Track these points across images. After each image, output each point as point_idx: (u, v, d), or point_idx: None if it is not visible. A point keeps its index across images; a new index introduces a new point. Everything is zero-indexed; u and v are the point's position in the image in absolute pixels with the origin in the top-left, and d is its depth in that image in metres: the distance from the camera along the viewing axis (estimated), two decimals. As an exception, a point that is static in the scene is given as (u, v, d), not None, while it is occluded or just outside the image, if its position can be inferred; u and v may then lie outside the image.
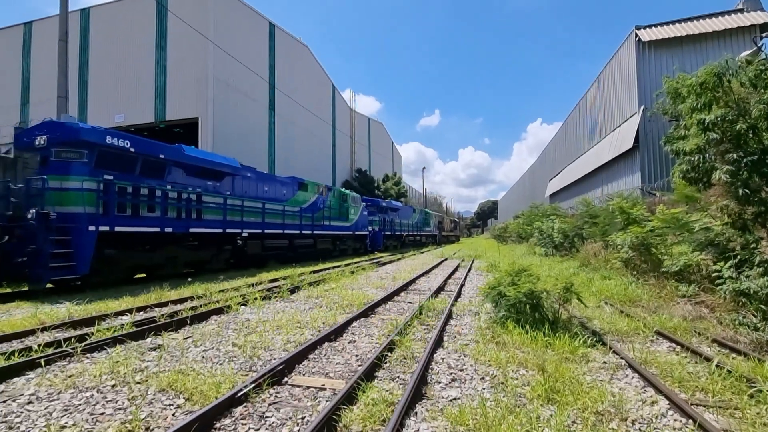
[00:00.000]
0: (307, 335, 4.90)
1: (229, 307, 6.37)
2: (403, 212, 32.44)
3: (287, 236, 15.06)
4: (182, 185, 10.74)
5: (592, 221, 13.20)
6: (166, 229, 10.03)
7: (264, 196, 13.98)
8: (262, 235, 13.54)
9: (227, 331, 5.14)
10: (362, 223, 22.20)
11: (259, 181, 13.92)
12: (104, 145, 8.76)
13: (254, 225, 13.06)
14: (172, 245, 10.36)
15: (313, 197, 17.13)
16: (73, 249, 8.00)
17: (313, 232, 16.76)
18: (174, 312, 5.98)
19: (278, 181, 15.11)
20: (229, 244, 12.27)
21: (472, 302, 6.98)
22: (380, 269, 13.45)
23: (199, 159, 11.18)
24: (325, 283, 9.55)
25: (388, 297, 7.34)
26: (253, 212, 13.05)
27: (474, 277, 10.92)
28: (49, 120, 8.87)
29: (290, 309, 6.50)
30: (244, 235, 12.57)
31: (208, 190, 11.58)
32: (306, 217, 16.23)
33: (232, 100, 23.63)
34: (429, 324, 5.45)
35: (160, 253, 10.04)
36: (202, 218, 11.09)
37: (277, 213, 14.39)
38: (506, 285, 5.26)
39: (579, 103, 24.80)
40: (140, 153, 9.54)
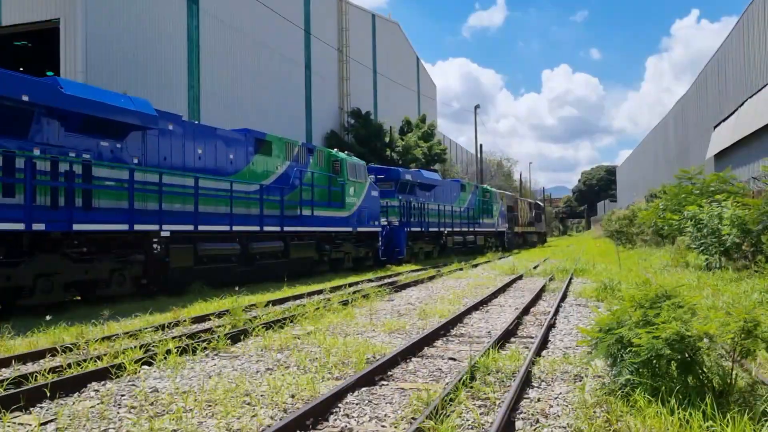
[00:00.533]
0: (264, 419, 4.95)
1: (122, 367, 6.47)
2: (442, 191, 32.18)
3: (238, 236, 15.48)
4: (59, 148, 11.06)
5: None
6: (34, 226, 10.30)
7: (197, 165, 14.34)
8: (195, 236, 14.00)
9: (118, 410, 5.22)
10: (370, 211, 22.57)
11: (188, 139, 14.27)
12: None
13: (181, 217, 13.52)
14: (44, 254, 10.74)
15: (281, 166, 17.52)
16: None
17: (284, 229, 17.09)
18: (22, 376, 6.09)
19: (220, 138, 15.40)
20: (140, 251, 12.76)
21: (568, 357, 6.99)
22: (396, 297, 13.58)
23: (87, 102, 11.44)
24: (294, 323, 9.65)
25: (411, 348, 7.40)
26: (178, 195, 13.48)
27: (572, 311, 10.94)
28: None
29: (232, 371, 6.59)
30: (164, 234, 13.01)
31: (102, 157, 11.95)
32: (270, 202, 16.59)
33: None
34: (488, 398, 5.46)
35: (26, 268, 10.34)
36: (92, 207, 11.53)
37: (221, 196, 14.76)
38: (632, 325, 5.22)
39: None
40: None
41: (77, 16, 21.88)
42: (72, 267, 11.15)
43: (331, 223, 19.84)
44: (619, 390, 5.12)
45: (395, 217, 25.69)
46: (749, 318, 5.02)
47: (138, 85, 23.39)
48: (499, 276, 18.88)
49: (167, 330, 9.20)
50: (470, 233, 35.54)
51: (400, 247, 25.02)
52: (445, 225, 31.27)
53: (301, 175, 18.26)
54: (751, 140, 26.46)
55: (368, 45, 49.65)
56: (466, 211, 35.02)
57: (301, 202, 18.01)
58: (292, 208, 17.62)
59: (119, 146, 12.39)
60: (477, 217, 36.94)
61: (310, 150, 19.24)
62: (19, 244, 10.41)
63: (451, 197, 33.36)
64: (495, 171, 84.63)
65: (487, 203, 39.30)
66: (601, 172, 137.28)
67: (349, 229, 21.05)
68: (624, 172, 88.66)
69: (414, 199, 27.75)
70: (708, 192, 20.20)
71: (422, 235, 28.54)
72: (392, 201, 25.67)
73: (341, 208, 20.51)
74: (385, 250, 24.38)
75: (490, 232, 39.94)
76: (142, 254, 12.72)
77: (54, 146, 10.97)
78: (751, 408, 4.69)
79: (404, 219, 26.15)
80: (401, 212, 26.03)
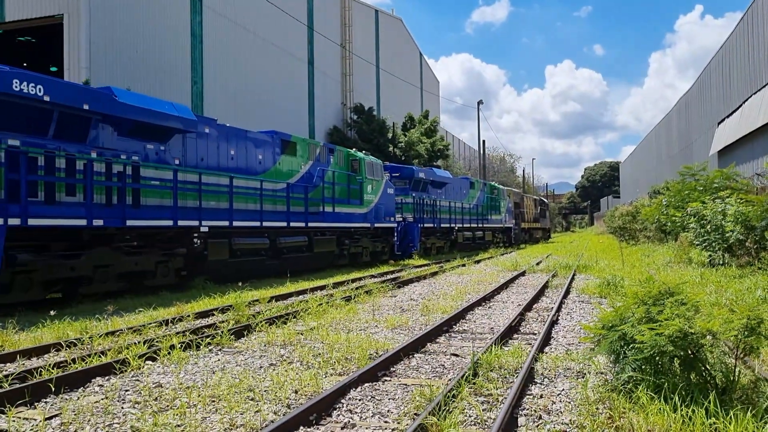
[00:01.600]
0: (267, 414, 4.97)
1: (126, 362, 6.50)
2: (453, 188, 33.25)
3: (267, 231, 16.55)
4: (113, 151, 12.18)
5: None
6: (94, 221, 11.40)
7: (230, 165, 15.48)
8: (230, 231, 15.12)
9: (122, 405, 5.25)
10: (386, 208, 23.75)
11: (222, 141, 15.36)
12: (9, 93, 10.10)
13: (218, 214, 14.65)
14: (101, 247, 11.90)
15: (305, 165, 18.67)
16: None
17: (308, 225, 18.14)
18: (27, 371, 6.12)
19: (251, 140, 16.48)
20: (182, 245, 13.85)
21: (570, 354, 6.99)
22: (399, 293, 13.61)
23: (137, 110, 12.53)
24: (297, 318, 9.67)
25: (414, 344, 7.43)
26: (215, 193, 14.61)
27: (575, 307, 10.94)
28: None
29: (235, 366, 6.62)
30: (203, 230, 14.13)
31: (149, 158, 13.07)
32: (296, 199, 17.70)
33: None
34: (491, 394, 5.47)
35: (87, 259, 11.46)
36: (140, 204, 12.60)
37: (252, 194, 15.89)
38: (635, 322, 5.22)
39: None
40: (56, 104, 10.88)
41: (80, 11, 21.91)
42: (124, 259, 12.35)
43: (351, 219, 20.82)
44: (621, 387, 5.12)
45: (409, 213, 26.52)
46: (753, 315, 5.01)
47: (141, 80, 23.42)
48: (502, 272, 18.88)
49: (171, 325, 9.23)
50: (479, 229, 36.35)
51: (414, 242, 25.82)
52: (456, 221, 32.09)
53: (323, 174, 19.23)
54: (755, 136, 26.38)
55: (371, 41, 49.59)
56: (475, 207, 35.82)
57: (323, 199, 19.01)
58: (315, 205, 18.64)
59: (163, 148, 13.48)
60: (485, 214, 37.73)
61: (330, 150, 20.25)
62: (79, 238, 11.59)
63: (461, 194, 34.20)
64: (498, 167, 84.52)
65: (495, 200, 40.10)
66: (604, 168, 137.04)
67: (367, 224, 22.02)
68: (627, 168, 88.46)
69: (426, 196, 28.66)
70: (711, 188, 20.17)
71: (434, 230, 29.43)
72: (406, 198, 26.51)
73: (360, 205, 21.45)
74: (400, 245, 25.20)
75: (498, 228, 40.78)
76: (183, 248, 13.85)
77: (108, 149, 12.10)
78: (754, 405, 4.69)
79: (418, 215, 27.00)
80: (415, 209, 26.86)
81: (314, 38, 39.09)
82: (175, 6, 26.87)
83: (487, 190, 38.94)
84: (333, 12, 42.97)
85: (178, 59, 26.93)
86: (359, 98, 44.93)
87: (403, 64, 56.18)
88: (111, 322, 9.41)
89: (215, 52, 29.30)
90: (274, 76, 34.63)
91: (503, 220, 41.67)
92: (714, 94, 35.91)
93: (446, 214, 30.66)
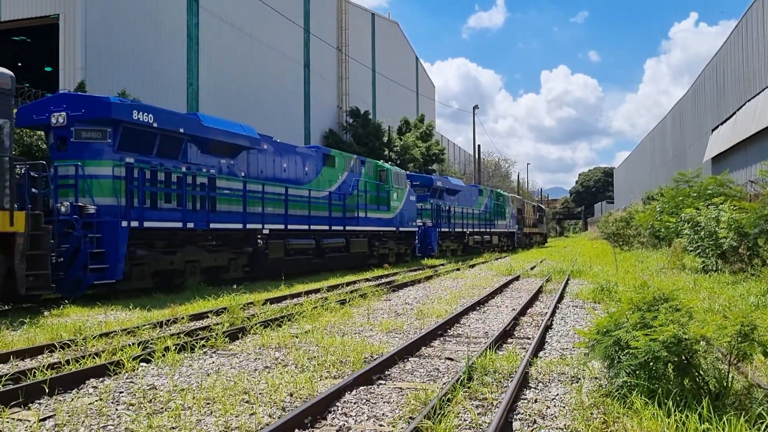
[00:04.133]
0: (262, 417, 4.97)
1: (120, 364, 6.48)
2: (464, 195, 35.52)
3: (313, 234, 18.95)
4: (197, 166, 14.62)
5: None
6: (188, 224, 13.81)
7: (283, 176, 17.85)
8: (285, 233, 17.42)
9: (117, 407, 5.24)
10: (409, 214, 26.29)
11: (277, 155, 17.74)
12: (130, 121, 12.60)
13: (276, 218, 16.96)
14: (190, 246, 14.25)
15: (342, 176, 21.16)
16: (105, 249, 11.77)
17: (345, 228, 20.67)
18: (21, 372, 6.10)
19: (299, 154, 18.95)
20: (248, 245, 16.20)
21: (565, 358, 7.00)
22: (393, 297, 13.61)
23: (217, 131, 15.04)
24: (292, 321, 9.67)
25: (409, 348, 7.42)
26: (274, 201, 16.94)
27: (569, 312, 10.96)
28: (65, 92, 14.15)
29: (230, 368, 6.62)
30: (265, 232, 16.49)
31: (222, 172, 15.44)
32: (336, 206, 20.22)
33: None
34: (485, 398, 5.48)
35: (180, 255, 13.79)
36: (216, 210, 14.93)
37: (302, 201, 18.30)
38: (630, 327, 5.24)
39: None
40: (160, 128, 13.36)
41: (77, 12, 21.87)
42: (207, 256, 14.70)
43: (380, 224, 23.32)
44: (616, 392, 5.13)
45: (428, 218, 28.77)
46: (746, 321, 5.04)
47: (137, 82, 23.38)
48: (496, 276, 18.91)
49: (165, 327, 9.21)
50: (487, 233, 38.79)
51: (432, 245, 28.20)
52: (468, 226, 34.49)
53: (357, 183, 21.67)
54: (749, 144, 26.53)
55: (367, 44, 49.65)
56: (483, 213, 38.19)
57: (357, 205, 21.46)
58: (351, 211, 21.07)
59: (232, 163, 15.84)
60: (493, 219, 40.10)
61: (362, 162, 22.79)
62: (175, 237, 13.87)
63: (471, 201, 36.34)
64: (492, 171, 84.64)
65: (501, 206, 42.36)
66: (598, 174, 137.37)
67: (393, 228, 24.54)
68: (621, 174, 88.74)
69: (442, 202, 30.85)
70: (705, 195, 20.25)
71: (449, 234, 31.63)
72: (425, 204, 28.95)
73: (387, 211, 24.02)
74: (421, 247, 27.43)
75: (504, 233, 43.22)
76: (250, 247, 16.18)
77: (193, 164, 14.49)
78: (747, 411, 4.72)
79: (435, 220, 29.20)
80: (432, 214, 29.09)
81: (311, 41, 39.12)
82: (172, 7, 26.85)
83: (494, 197, 41.03)
84: (329, 15, 43.02)
85: (175, 60, 26.91)
86: (355, 101, 44.95)
87: (399, 68, 56.25)
88: (105, 323, 9.39)
89: (211, 54, 29.29)
90: (271, 79, 34.63)
91: (508, 225, 44.01)
92: (708, 101, 36.10)
93: (459, 220, 32.86)
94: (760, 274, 12.85)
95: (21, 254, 9.92)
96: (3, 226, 9.67)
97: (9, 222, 9.73)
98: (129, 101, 13.14)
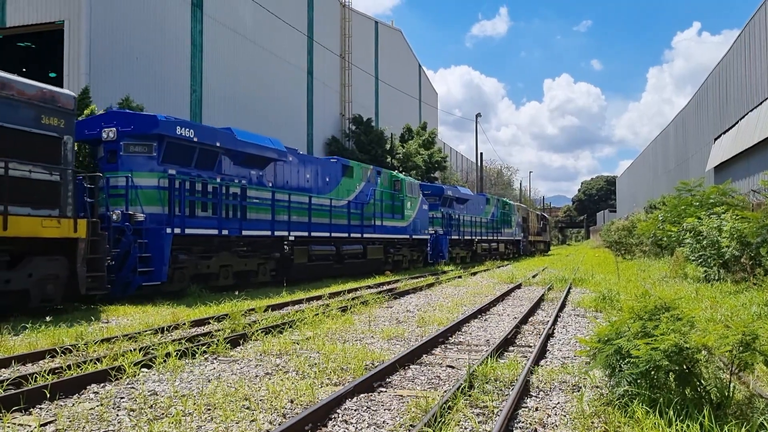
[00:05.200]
0: (263, 424, 4.97)
1: (122, 369, 6.49)
2: (473, 204, 36.74)
3: (334, 241, 20.08)
4: (230, 177, 15.82)
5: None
6: (223, 231, 15.03)
7: (307, 186, 19.06)
8: (308, 240, 18.56)
9: (117, 412, 5.25)
10: (422, 222, 27.53)
11: (301, 166, 18.99)
12: (173, 136, 13.88)
13: (300, 226, 18.11)
14: (224, 251, 15.34)
15: (360, 185, 22.35)
16: (151, 253, 12.90)
17: (363, 236, 21.83)
18: (22, 377, 6.11)
19: (320, 165, 20.27)
20: (276, 251, 17.26)
21: (566, 367, 7.00)
22: (395, 304, 13.62)
23: (249, 144, 16.23)
24: (293, 328, 9.67)
25: (410, 355, 7.42)
26: (298, 209, 18.08)
27: (570, 321, 10.95)
28: (115, 110, 15.39)
29: (231, 375, 6.62)
30: (291, 238, 17.59)
31: (251, 182, 16.60)
32: (354, 214, 21.45)
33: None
34: (486, 406, 5.47)
35: (215, 260, 15.01)
36: (247, 218, 16.07)
37: (323, 210, 19.51)
38: (631, 336, 5.24)
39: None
40: (199, 142, 14.61)
41: (81, 18, 21.96)
42: (238, 261, 15.81)
43: (394, 231, 24.54)
44: (617, 401, 5.13)
45: (439, 226, 29.89)
46: (748, 331, 5.04)
47: (140, 88, 23.46)
48: (498, 284, 18.89)
49: (167, 333, 9.22)
50: (494, 241, 39.90)
51: (443, 252, 29.29)
52: (476, 234, 35.75)
53: (373, 193, 22.84)
54: (751, 153, 26.54)
55: (370, 52, 49.78)
56: (491, 222, 39.38)
57: (374, 214, 22.62)
58: (368, 219, 22.25)
59: (261, 174, 17.03)
60: (499, 227, 41.41)
61: (378, 172, 23.97)
62: (211, 243, 14.93)
63: (479, 209, 37.49)
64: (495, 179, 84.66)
65: (507, 215, 43.55)
66: (600, 182, 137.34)
67: (407, 236, 25.69)
68: (624, 183, 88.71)
69: (452, 211, 32.13)
70: (707, 204, 20.23)
71: (459, 242, 32.71)
72: (436, 213, 30.17)
73: (401, 219, 25.25)
74: (432, 254, 28.43)
75: (510, 240, 44.44)
76: (277, 253, 17.24)
77: (227, 175, 15.68)
78: (749, 421, 4.71)
79: (446, 228, 30.36)
80: (443, 223, 30.24)
81: (314, 48, 39.24)
82: (176, 14, 26.96)
83: (500, 206, 42.22)
84: (333, 23, 43.16)
85: (178, 67, 26.99)
86: (358, 109, 45.04)
87: (402, 76, 56.36)
88: (106, 329, 9.40)
89: (215, 61, 29.38)
90: (274, 86, 34.72)
91: (514, 233, 45.36)
92: (711, 110, 36.12)
93: (468, 228, 34.08)
94: (763, 283, 12.83)
95: (82, 258, 11.06)
96: (68, 232, 10.83)
97: (73, 229, 10.93)
98: (173, 118, 14.36)
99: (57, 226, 10.60)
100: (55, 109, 10.82)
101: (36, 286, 10.42)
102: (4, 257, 10.02)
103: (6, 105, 10.02)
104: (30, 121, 10.39)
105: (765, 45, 25.48)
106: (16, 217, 9.98)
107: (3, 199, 9.72)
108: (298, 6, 37.83)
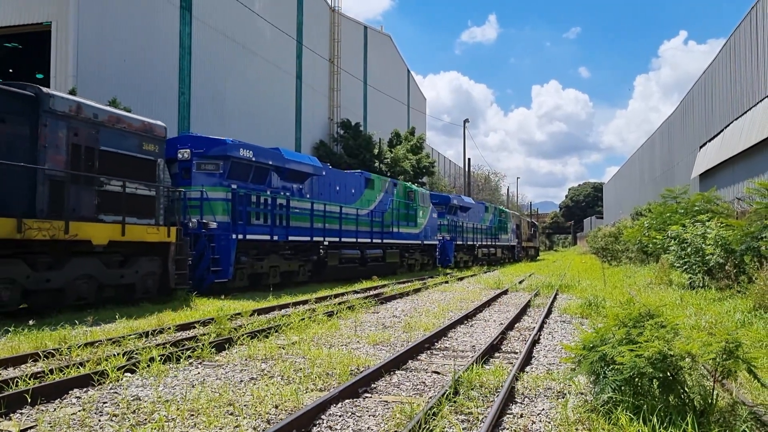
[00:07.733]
0: (247, 429, 4.94)
1: (105, 374, 6.42)
2: (473, 212, 39.09)
3: (360, 246, 22.75)
4: (277, 190, 18.26)
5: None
6: (273, 237, 17.39)
7: (336, 197, 21.57)
8: (340, 245, 21.21)
9: (100, 417, 5.20)
10: (432, 229, 30.38)
11: (331, 180, 21.49)
12: (237, 157, 16.38)
13: (332, 232, 20.62)
14: (273, 254, 17.83)
15: (379, 196, 24.97)
16: (219, 255, 15.38)
17: (383, 241, 24.47)
18: (3, 382, 6.04)
19: (347, 178, 22.90)
20: (313, 254, 19.86)
21: (551, 374, 7.01)
22: (381, 310, 13.60)
23: (293, 162, 18.87)
24: (279, 333, 9.63)
25: (395, 361, 7.41)
26: (331, 218, 20.63)
27: (556, 327, 10.98)
28: (189, 134, 18.92)
29: (215, 380, 6.59)
30: (326, 244, 20.13)
31: (294, 195, 19.16)
32: (376, 222, 24.11)
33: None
34: (471, 413, 5.47)
35: (266, 261, 17.41)
36: (290, 225, 18.35)
37: (351, 218, 22.15)
38: (616, 343, 5.25)
39: (760, 3, 24.69)
40: (255, 161, 17.02)
41: (69, 20, 21.83)
42: (284, 262, 18.30)
43: (409, 237, 27.26)
44: (601, 407, 5.14)
45: (445, 233, 32.75)
46: (731, 339, 5.07)
47: (128, 90, 23.33)
48: (485, 290, 18.92)
49: (151, 337, 9.15)
50: (492, 246, 42.55)
51: (449, 256, 32.29)
52: (477, 239, 38.18)
53: (390, 202, 25.46)
54: (736, 161, 26.76)
55: (359, 57, 49.84)
56: (489, 228, 41.83)
57: (391, 222, 25.25)
58: (387, 226, 24.87)
59: (301, 187, 19.56)
60: (497, 234, 43.95)
61: (394, 184, 26.72)
62: (263, 247, 17.36)
63: (479, 217, 39.84)
64: (482, 185, 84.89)
65: (503, 222, 46.03)
66: (588, 189, 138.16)
67: (419, 242, 28.53)
68: (610, 190, 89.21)
69: (457, 218, 34.61)
70: (692, 211, 20.40)
71: (462, 247, 35.47)
72: (443, 220, 32.68)
73: (414, 227, 27.97)
74: (440, 258, 31.77)
75: (506, 246, 47.18)
76: (314, 256, 19.83)
77: (274, 189, 18.12)
78: (731, 428, 4.74)
79: (452, 235, 33.35)
80: (449, 229, 33.30)
81: (303, 53, 39.22)
82: (164, 17, 26.86)
83: (497, 213, 44.75)
84: (322, 27, 43.18)
85: (166, 69, 26.89)
86: (346, 113, 45.05)
87: (391, 81, 56.45)
88: (90, 333, 9.31)
89: (203, 64, 29.30)
90: (262, 89, 34.66)
91: (510, 239, 48.00)
92: (696, 118, 36.43)
93: (470, 234, 37.11)
94: (746, 290, 12.92)
95: (172, 258, 13.52)
96: (163, 237, 13.28)
97: (166, 234, 13.36)
98: (237, 141, 16.85)
99: (156, 232, 13.14)
100: (152, 137, 13.26)
101: (141, 280, 12.93)
102: (119, 257, 12.51)
103: (120, 136, 12.45)
104: (136, 148, 12.83)
105: (750, 54, 25.74)
106: (130, 226, 12.43)
107: (122, 211, 12.19)
108: (288, 10, 37.81)
